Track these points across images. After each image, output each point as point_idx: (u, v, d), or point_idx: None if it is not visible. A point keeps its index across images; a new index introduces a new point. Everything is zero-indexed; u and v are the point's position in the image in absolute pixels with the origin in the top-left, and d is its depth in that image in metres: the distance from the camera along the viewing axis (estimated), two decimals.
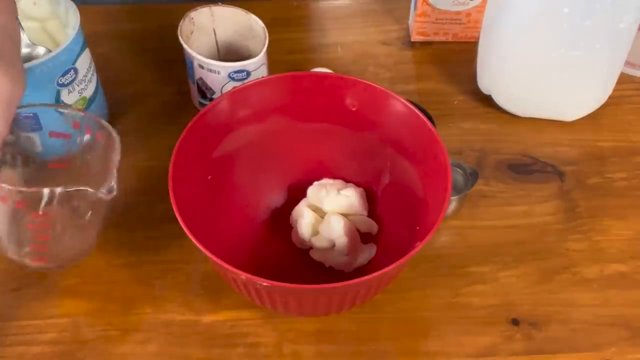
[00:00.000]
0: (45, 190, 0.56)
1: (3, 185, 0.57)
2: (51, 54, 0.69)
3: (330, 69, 0.82)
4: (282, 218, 0.73)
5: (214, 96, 0.78)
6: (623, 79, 0.83)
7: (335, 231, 0.68)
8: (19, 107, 0.59)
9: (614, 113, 0.84)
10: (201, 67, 0.76)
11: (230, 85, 0.76)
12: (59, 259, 0.66)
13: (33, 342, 0.66)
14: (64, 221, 0.61)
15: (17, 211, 0.60)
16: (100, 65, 0.80)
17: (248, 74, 0.76)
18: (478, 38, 0.85)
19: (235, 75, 0.76)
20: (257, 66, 0.77)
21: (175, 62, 0.89)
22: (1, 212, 0.60)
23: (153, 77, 0.88)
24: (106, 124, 0.63)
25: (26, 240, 0.63)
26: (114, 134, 0.62)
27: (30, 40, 0.72)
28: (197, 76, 0.78)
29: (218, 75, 0.76)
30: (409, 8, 0.93)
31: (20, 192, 0.58)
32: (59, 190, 0.56)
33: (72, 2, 0.75)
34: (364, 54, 0.91)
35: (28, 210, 0.59)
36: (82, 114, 0.65)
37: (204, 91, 0.79)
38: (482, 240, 0.73)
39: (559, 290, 0.69)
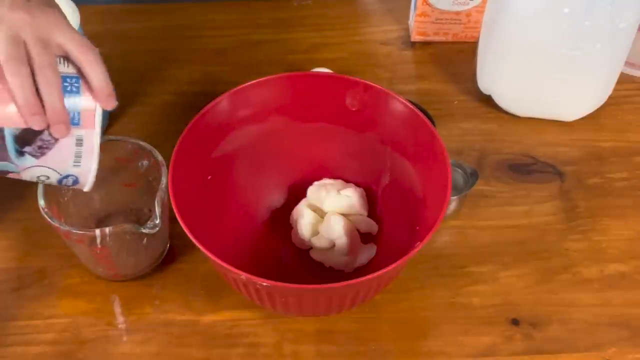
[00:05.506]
0: (97, 232, 0.61)
1: (66, 227, 0.62)
2: None
3: (330, 69, 0.82)
4: (282, 218, 0.73)
5: None
6: (623, 79, 0.83)
7: (335, 231, 0.68)
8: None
9: (614, 113, 0.84)
10: None
11: None
12: (131, 273, 0.69)
13: (33, 342, 0.66)
14: (123, 249, 0.65)
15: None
16: None
17: None
18: (478, 38, 0.85)
19: None
20: None
21: (175, 62, 0.90)
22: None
23: (153, 77, 0.88)
24: (155, 151, 0.67)
25: (98, 264, 0.67)
26: (160, 159, 0.66)
27: None
28: None
29: None
30: (409, 8, 0.93)
31: (76, 233, 0.62)
32: (108, 230, 0.61)
33: (72, 2, 0.75)
34: (364, 54, 0.91)
35: (88, 246, 0.64)
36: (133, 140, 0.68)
37: None
38: (482, 240, 0.73)
39: (559, 290, 0.69)
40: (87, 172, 0.58)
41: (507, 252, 0.72)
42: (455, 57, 0.91)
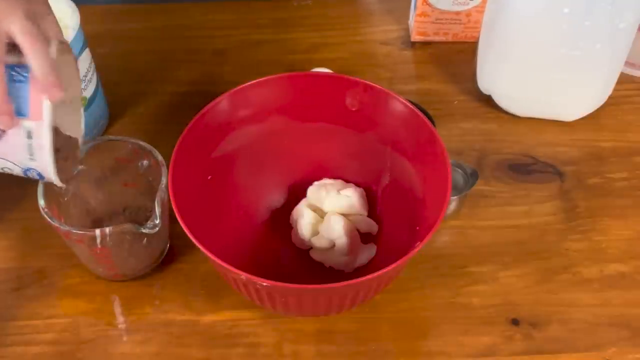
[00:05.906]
0: (97, 232, 0.61)
1: (66, 227, 0.62)
2: None
3: (330, 69, 0.82)
4: (282, 218, 0.73)
5: None
6: (623, 79, 0.83)
7: (335, 231, 0.68)
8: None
9: (614, 113, 0.84)
10: None
11: None
12: (131, 273, 0.69)
13: (33, 342, 0.66)
14: (123, 249, 0.65)
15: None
16: (100, 65, 0.80)
17: None
18: (478, 38, 0.85)
19: None
20: None
21: (175, 62, 0.90)
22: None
23: (153, 77, 0.88)
24: (155, 151, 0.66)
25: (98, 264, 0.67)
26: (160, 159, 0.66)
27: None
28: None
29: None
30: (409, 8, 0.93)
31: (76, 233, 0.62)
32: (108, 230, 0.61)
33: (72, 2, 0.75)
34: (364, 54, 0.91)
35: (88, 246, 0.64)
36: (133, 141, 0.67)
37: None
38: (482, 240, 0.73)
39: (559, 290, 0.69)
40: (46, 166, 0.56)
41: (507, 252, 0.72)
42: (455, 57, 0.91)
